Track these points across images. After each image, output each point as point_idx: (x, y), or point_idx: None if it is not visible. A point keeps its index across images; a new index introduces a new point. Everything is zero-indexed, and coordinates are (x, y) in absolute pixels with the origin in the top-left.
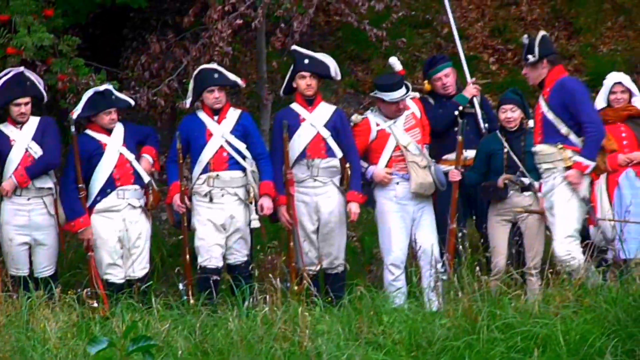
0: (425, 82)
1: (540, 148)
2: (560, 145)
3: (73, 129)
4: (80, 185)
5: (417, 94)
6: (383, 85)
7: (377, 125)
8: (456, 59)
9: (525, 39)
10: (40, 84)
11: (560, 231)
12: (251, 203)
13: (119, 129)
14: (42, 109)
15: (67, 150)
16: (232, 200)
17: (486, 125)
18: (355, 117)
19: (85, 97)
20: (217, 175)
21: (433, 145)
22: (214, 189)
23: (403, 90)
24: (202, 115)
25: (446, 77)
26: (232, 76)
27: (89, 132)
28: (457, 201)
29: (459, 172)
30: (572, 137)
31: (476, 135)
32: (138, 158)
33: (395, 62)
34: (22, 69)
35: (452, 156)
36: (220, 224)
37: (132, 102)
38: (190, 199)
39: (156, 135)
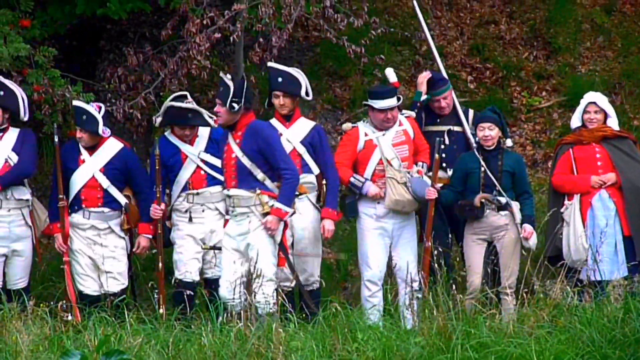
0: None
1: (235, 192)
2: (259, 191)
3: (56, 139)
4: (60, 196)
5: (412, 113)
6: (373, 92)
7: (366, 135)
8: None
9: (228, 79)
10: (19, 98)
11: (262, 276)
12: None
13: (106, 150)
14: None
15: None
16: (213, 215)
17: (477, 139)
18: (346, 125)
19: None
20: (197, 192)
21: None
22: (194, 206)
23: (393, 100)
24: (174, 138)
25: (444, 99)
26: (206, 115)
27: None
28: (432, 219)
29: (435, 191)
30: (268, 182)
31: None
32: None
33: (390, 73)
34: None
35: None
36: (200, 238)
37: (101, 130)
38: (169, 217)
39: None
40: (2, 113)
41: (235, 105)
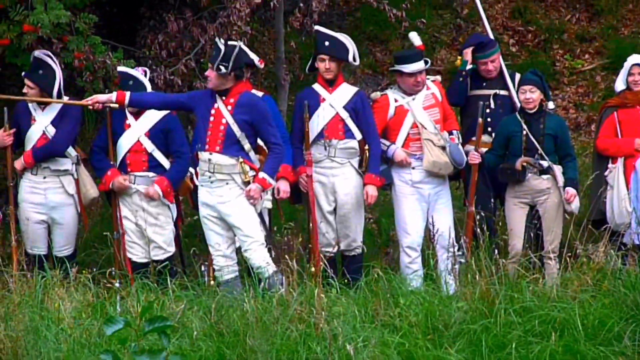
0: (459, 57)
1: (218, 158)
2: (242, 160)
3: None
4: (112, 163)
5: (438, 77)
6: (401, 57)
7: (396, 101)
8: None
9: (221, 44)
10: (57, 80)
11: (252, 240)
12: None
13: (152, 115)
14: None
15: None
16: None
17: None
18: (375, 94)
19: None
20: None
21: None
22: None
23: (422, 63)
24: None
25: (492, 62)
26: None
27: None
28: (476, 184)
29: (479, 155)
30: (252, 154)
31: None
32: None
33: (414, 37)
34: (41, 55)
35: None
36: None
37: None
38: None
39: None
40: (40, 90)
41: (222, 68)
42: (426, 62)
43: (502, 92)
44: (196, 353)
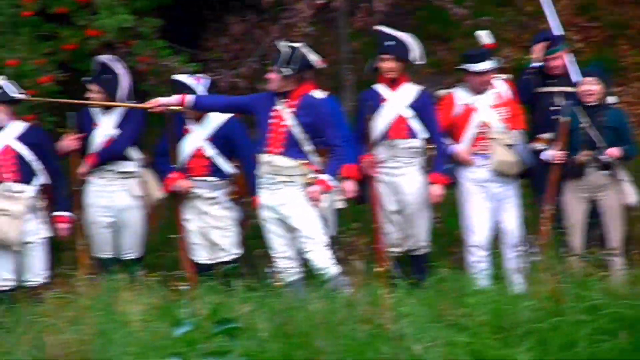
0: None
1: (280, 160)
2: (303, 161)
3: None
4: (174, 166)
5: (509, 76)
6: (468, 56)
7: (463, 99)
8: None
9: (283, 46)
10: (120, 86)
11: (313, 242)
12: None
13: (213, 119)
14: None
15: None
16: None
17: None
18: (441, 92)
19: None
20: None
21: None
22: None
23: (489, 63)
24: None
25: (554, 59)
26: None
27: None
28: (555, 183)
29: (562, 154)
30: (314, 155)
31: None
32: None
33: (483, 35)
34: (105, 59)
35: (545, 135)
36: None
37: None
38: None
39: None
40: (105, 94)
41: (286, 70)
42: (495, 62)
43: (570, 89)
44: (263, 354)
